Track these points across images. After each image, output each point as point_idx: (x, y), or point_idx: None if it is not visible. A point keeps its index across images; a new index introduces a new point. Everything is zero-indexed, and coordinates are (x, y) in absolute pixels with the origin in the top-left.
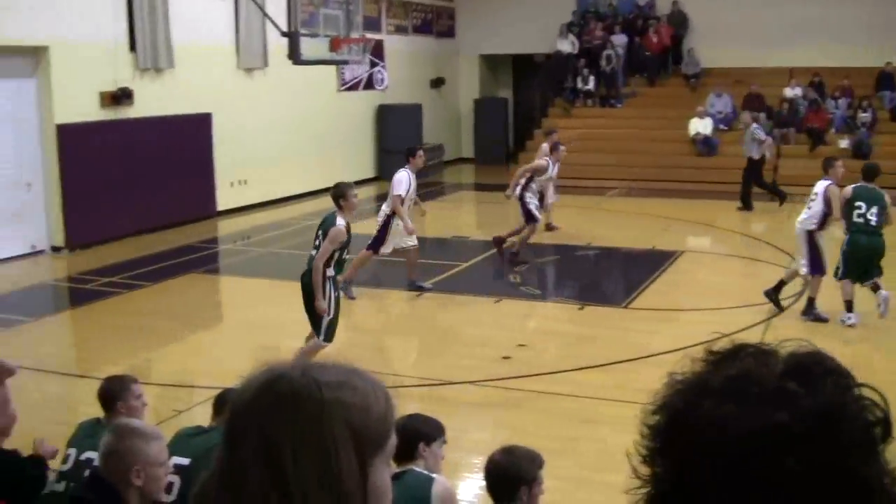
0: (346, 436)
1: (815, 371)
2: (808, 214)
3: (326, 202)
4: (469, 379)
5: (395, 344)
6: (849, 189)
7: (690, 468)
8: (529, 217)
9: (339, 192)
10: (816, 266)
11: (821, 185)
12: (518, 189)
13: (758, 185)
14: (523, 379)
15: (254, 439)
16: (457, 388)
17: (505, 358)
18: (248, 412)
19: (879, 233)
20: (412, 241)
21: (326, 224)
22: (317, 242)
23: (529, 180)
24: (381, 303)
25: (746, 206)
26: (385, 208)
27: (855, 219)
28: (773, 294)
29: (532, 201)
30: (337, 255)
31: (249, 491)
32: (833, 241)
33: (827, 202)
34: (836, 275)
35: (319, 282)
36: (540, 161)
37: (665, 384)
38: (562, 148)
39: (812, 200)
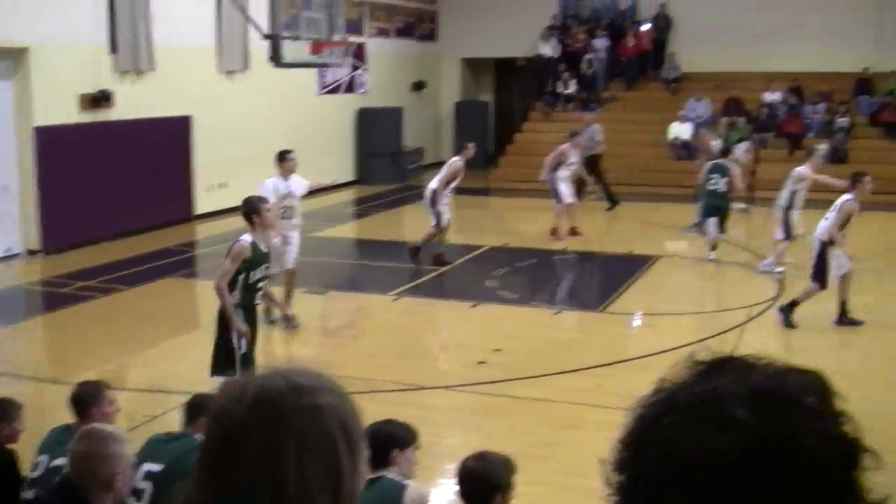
0: (343, 438)
1: (781, 398)
2: (824, 226)
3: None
4: (445, 384)
5: (370, 348)
6: (708, 164)
7: (645, 482)
8: (438, 219)
9: (251, 208)
10: (818, 276)
11: (840, 200)
12: (434, 195)
13: (597, 181)
14: (500, 384)
15: (250, 451)
16: (432, 393)
17: (481, 363)
18: (241, 425)
19: (726, 196)
20: (289, 264)
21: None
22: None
23: (446, 184)
24: (357, 307)
25: (613, 202)
26: None
27: (709, 186)
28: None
29: (443, 207)
30: (242, 277)
31: (247, 501)
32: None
33: (847, 217)
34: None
35: (228, 302)
36: (457, 165)
37: (651, 390)
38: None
39: (831, 212)
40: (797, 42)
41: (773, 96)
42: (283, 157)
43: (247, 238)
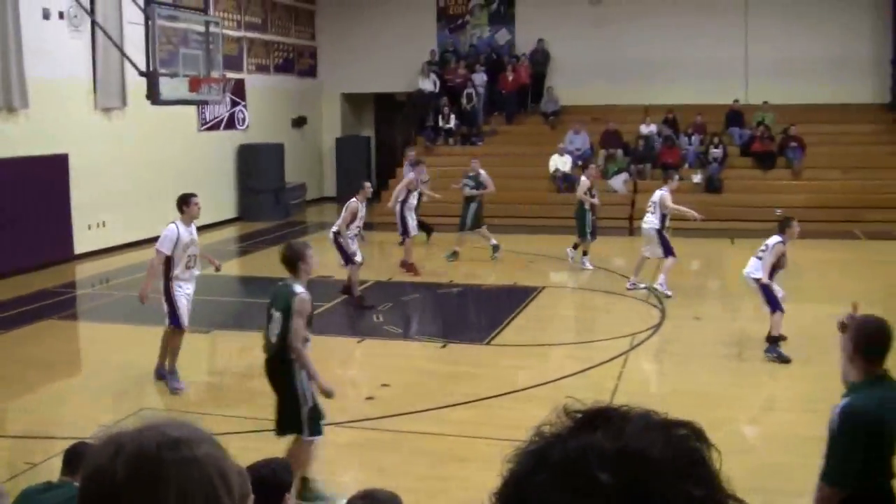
0: (223, 485)
1: (646, 460)
2: (757, 266)
3: None
4: (333, 420)
5: (258, 387)
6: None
7: None
8: (348, 260)
9: (296, 254)
10: (775, 304)
11: (772, 241)
12: (336, 237)
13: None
14: (388, 419)
15: None
16: None
17: (369, 398)
18: (120, 482)
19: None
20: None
21: (281, 297)
22: (272, 324)
23: (347, 226)
24: (243, 346)
25: (428, 231)
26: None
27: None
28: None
29: (350, 244)
30: None
31: None
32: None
33: (777, 258)
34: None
35: (308, 362)
36: (354, 206)
37: (528, 439)
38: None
39: (763, 251)
40: (671, 75)
41: (648, 128)
42: (186, 201)
43: (303, 291)
